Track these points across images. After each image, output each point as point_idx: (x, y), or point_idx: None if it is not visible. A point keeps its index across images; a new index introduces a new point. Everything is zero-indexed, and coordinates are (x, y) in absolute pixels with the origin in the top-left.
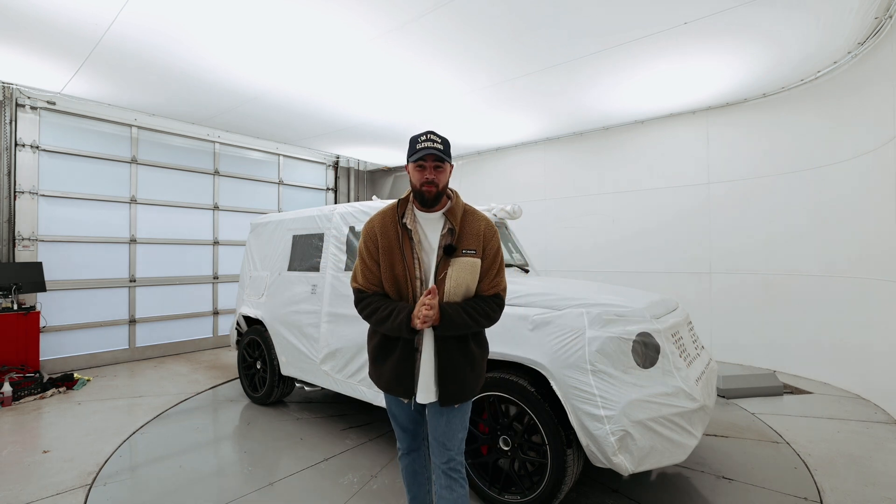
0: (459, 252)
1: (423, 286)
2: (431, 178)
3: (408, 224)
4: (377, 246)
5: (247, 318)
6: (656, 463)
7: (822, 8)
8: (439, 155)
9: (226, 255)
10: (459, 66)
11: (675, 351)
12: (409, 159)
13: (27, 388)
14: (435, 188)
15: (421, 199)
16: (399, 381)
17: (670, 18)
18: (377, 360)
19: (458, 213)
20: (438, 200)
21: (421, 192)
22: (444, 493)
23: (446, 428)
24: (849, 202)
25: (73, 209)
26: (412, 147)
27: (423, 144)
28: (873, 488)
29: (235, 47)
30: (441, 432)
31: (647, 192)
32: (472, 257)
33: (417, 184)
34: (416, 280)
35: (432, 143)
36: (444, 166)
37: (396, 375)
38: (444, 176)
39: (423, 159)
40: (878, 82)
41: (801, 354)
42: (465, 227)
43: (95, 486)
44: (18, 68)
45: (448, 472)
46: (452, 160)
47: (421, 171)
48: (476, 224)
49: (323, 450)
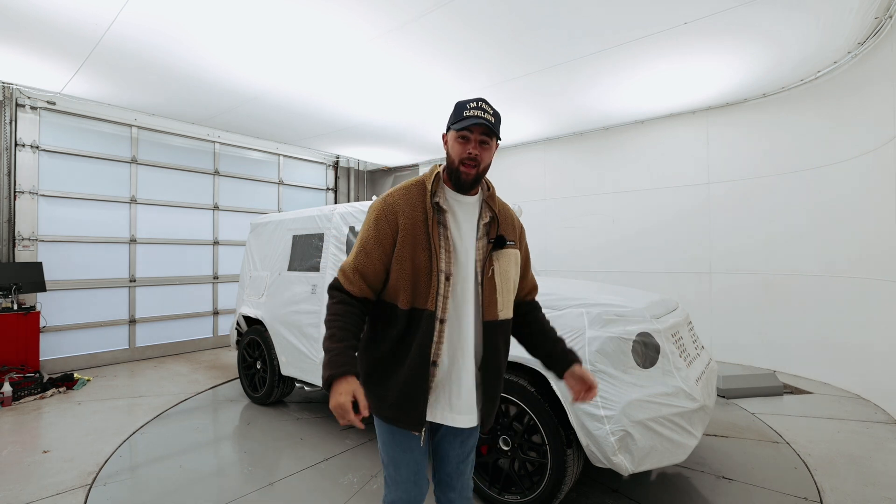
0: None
1: (448, 282)
2: (475, 153)
3: (441, 204)
4: (395, 230)
5: (247, 318)
6: (656, 463)
7: (822, 8)
8: (490, 127)
9: (226, 255)
10: (459, 66)
11: (675, 351)
12: (452, 126)
13: (27, 388)
14: (476, 168)
15: (456, 180)
16: (410, 406)
17: (670, 18)
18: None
19: (497, 200)
20: (476, 185)
21: (458, 171)
22: None
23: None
24: (849, 202)
25: (73, 209)
26: (457, 113)
27: (472, 112)
28: (873, 488)
29: (235, 47)
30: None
31: (647, 192)
32: (514, 248)
33: (456, 159)
34: (440, 274)
35: (483, 112)
36: (492, 143)
37: (406, 397)
38: (488, 155)
39: (468, 129)
40: (878, 82)
41: (801, 354)
42: (504, 217)
43: (95, 486)
44: (18, 68)
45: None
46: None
47: (464, 144)
48: (510, 213)
49: (323, 450)
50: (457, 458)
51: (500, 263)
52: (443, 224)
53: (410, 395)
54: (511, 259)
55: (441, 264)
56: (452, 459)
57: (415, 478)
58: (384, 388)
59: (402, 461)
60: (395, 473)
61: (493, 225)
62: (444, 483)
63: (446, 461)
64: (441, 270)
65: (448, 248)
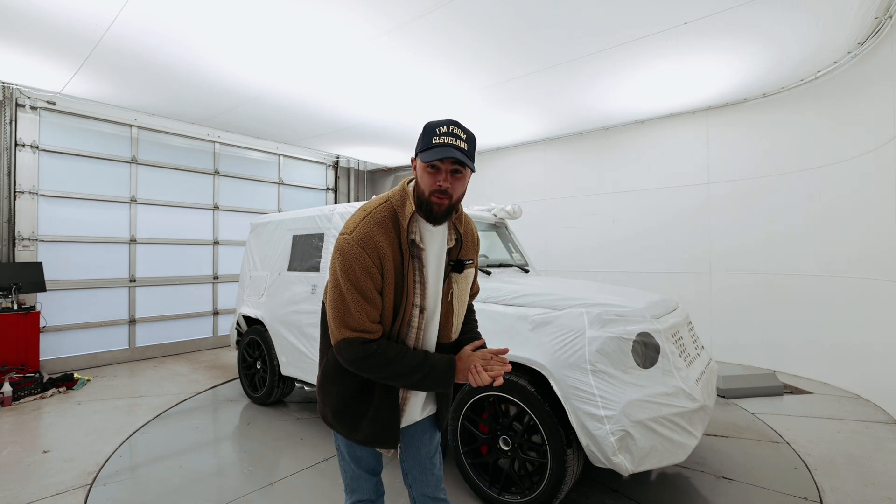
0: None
1: (422, 314)
2: (445, 186)
3: (418, 242)
4: (381, 267)
5: (247, 318)
6: (656, 463)
7: (822, 8)
8: (460, 159)
9: (226, 255)
10: (459, 65)
11: (675, 351)
12: (420, 155)
13: (27, 388)
14: (448, 201)
15: (428, 212)
16: (384, 430)
17: (670, 18)
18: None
19: (462, 219)
20: (447, 217)
21: (429, 203)
22: None
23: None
24: (849, 202)
25: (73, 209)
26: (426, 138)
27: (441, 139)
28: (873, 488)
29: (235, 47)
30: (427, 451)
31: (647, 192)
32: (470, 267)
33: (426, 191)
34: (414, 308)
35: (454, 138)
36: (465, 173)
37: (381, 426)
38: (461, 185)
39: (440, 160)
40: (878, 82)
41: (801, 354)
42: (466, 236)
43: (95, 486)
44: (18, 68)
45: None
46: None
47: (434, 174)
48: (471, 228)
49: (323, 450)
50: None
51: (458, 286)
52: (417, 257)
53: (384, 421)
54: (468, 280)
55: (416, 299)
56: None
57: (374, 468)
58: (357, 418)
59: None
60: (356, 468)
61: (457, 248)
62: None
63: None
64: (415, 305)
65: (423, 281)
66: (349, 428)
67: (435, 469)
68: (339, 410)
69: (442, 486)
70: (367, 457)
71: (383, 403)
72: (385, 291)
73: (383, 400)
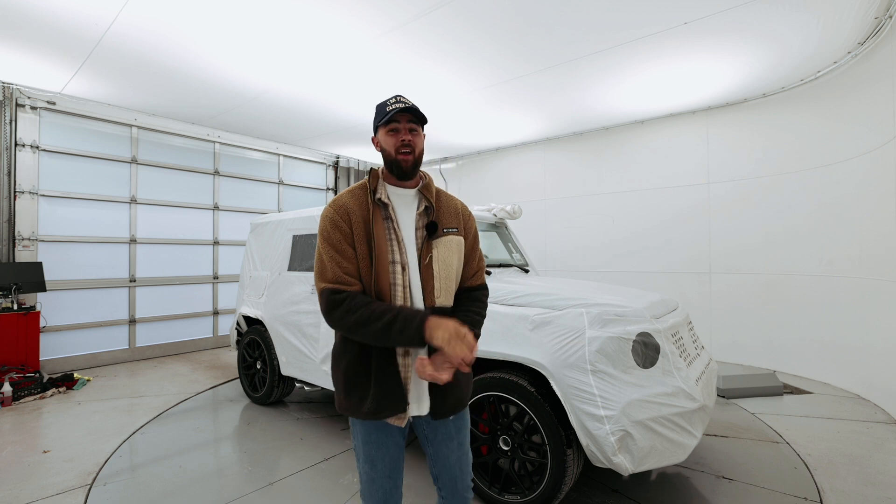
0: (441, 230)
1: (404, 271)
2: (408, 139)
3: (382, 199)
4: (350, 226)
5: (247, 317)
6: (656, 463)
7: (822, 8)
8: (414, 114)
9: (226, 255)
10: (459, 65)
11: (675, 351)
12: (380, 123)
13: (27, 388)
14: (412, 155)
15: (397, 170)
16: (389, 395)
17: (670, 18)
18: (354, 384)
19: (433, 189)
20: (416, 170)
21: (397, 161)
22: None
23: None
24: (849, 202)
25: (73, 209)
26: (380, 112)
27: (393, 106)
28: (873, 488)
29: (235, 47)
30: (456, 458)
31: (647, 192)
32: (456, 235)
33: (392, 150)
34: (394, 265)
35: (403, 104)
36: (419, 130)
37: (384, 392)
38: (419, 140)
39: (395, 120)
40: (878, 82)
41: (801, 354)
42: (441, 204)
43: (95, 486)
44: (18, 68)
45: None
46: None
47: (395, 135)
48: (452, 202)
49: (323, 450)
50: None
51: (438, 251)
52: (388, 217)
53: (387, 386)
54: (452, 246)
55: (395, 255)
56: (446, 461)
57: (390, 473)
58: (362, 390)
59: (379, 457)
60: (370, 471)
61: (429, 213)
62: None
63: (441, 464)
64: (396, 261)
65: (398, 238)
66: (358, 402)
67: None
68: (347, 387)
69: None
70: (383, 457)
71: (382, 370)
72: (357, 245)
73: (381, 367)
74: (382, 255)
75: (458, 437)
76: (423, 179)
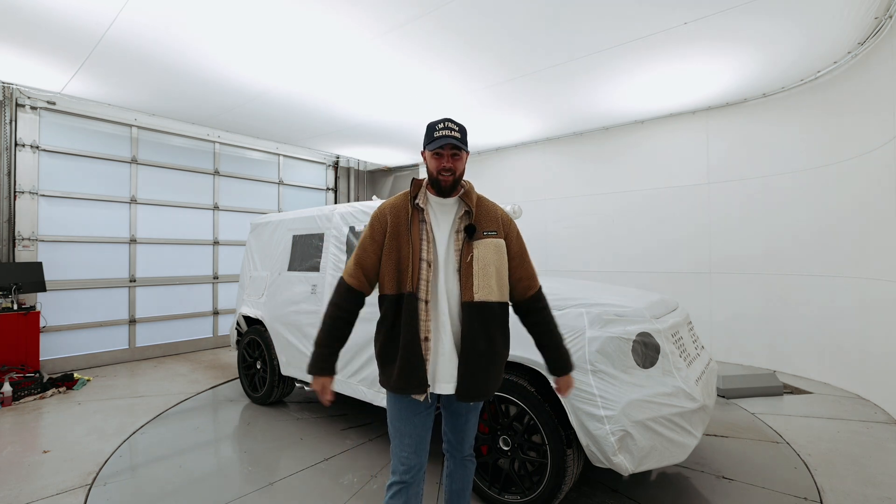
0: (480, 233)
1: (431, 269)
2: (449, 165)
3: (420, 203)
4: (385, 228)
5: (247, 317)
6: (656, 463)
7: (822, 8)
8: (457, 144)
9: (226, 255)
10: (459, 65)
11: (675, 351)
12: (427, 147)
13: (27, 388)
14: (452, 176)
15: (437, 187)
16: (411, 374)
17: (670, 19)
18: (385, 360)
19: (473, 197)
20: (455, 188)
21: (438, 181)
22: (458, 471)
23: (465, 426)
24: (849, 202)
25: (73, 209)
26: (429, 135)
27: (440, 133)
28: (873, 488)
29: (235, 47)
30: (461, 429)
31: (647, 192)
32: (495, 238)
33: (434, 171)
34: (422, 262)
35: (450, 131)
36: (462, 154)
37: (408, 368)
38: (461, 164)
39: (441, 148)
40: (878, 82)
41: (801, 354)
42: (481, 210)
43: (95, 486)
44: (18, 68)
45: (466, 460)
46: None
47: (438, 159)
48: (493, 208)
49: (323, 450)
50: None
51: (478, 250)
52: (423, 220)
53: (410, 365)
54: (491, 247)
55: (423, 253)
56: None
57: (416, 448)
58: (391, 366)
59: (406, 432)
60: (399, 444)
61: (467, 218)
62: (451, 442)
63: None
64: (423, 259)
65: (428, 239)
66: (387, 375)
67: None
68: (381, 359)
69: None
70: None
71: (406, 350)
72: (389, 247)
73: (407, 347)
74: (415, 253)
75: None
76: (464, 188)
